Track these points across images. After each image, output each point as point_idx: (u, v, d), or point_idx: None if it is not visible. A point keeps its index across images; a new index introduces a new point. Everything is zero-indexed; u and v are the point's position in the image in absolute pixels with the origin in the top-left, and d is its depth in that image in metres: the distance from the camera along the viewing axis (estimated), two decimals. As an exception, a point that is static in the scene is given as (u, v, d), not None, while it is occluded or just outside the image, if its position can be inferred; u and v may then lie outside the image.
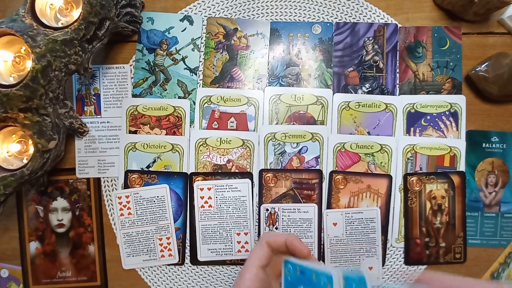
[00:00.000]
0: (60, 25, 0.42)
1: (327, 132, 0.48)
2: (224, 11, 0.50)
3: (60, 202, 0.49)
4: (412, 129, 0.48)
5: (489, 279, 0.47)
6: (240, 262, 0.48)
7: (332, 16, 0.50)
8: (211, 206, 0.48)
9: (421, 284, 0.33)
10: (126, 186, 0.48)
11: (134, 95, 0.50)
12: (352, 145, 0.48)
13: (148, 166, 0.49)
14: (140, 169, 0.49)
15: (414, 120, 0.48)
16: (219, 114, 0.49)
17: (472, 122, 0.48)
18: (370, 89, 0.49)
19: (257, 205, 0.48)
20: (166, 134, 0.49)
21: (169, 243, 0.48)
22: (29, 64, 0.39)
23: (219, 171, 0.48)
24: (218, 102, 0.49)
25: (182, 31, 0.50)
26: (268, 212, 0.48)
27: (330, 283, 0.31)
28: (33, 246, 0.49)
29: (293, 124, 0.49)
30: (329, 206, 0.47)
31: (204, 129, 0.49)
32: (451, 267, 0.47)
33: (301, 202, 0.48)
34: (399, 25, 0.49)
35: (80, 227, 0.49)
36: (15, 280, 0.49)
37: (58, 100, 0.43)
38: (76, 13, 0.42)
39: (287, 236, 0.36)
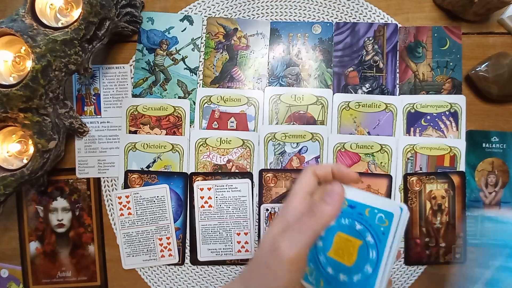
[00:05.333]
0: (60, 25, 0.42)
1: (327, 132, 0.48)
2: (224, 11, 0.50)
3: (60, 202, 0.49)
4: (412, 129, 0.48)
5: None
6: (240, 262, 0.48)
7: (332, 16, 0.50)
8: (211, 206, 0.48)
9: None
10: (126, 186, 0.48)
11: (134, 95, 0.50)
12: (352, 145, 0.48)
13: (148, 166, 0.49)
14: (140, 169, 0.49)
15: (414, 120, 0.48)
16: (219, 114, 0.49)
17: (472, 122, 0.48)
18: (370, 89, 0.49)
19: (257, 205, 0.48)
20: (166, 134, 0.49)
21: (169, 243, 0.48)
22: (29, 64, 0.39)
23: (219, 171, 0.48)
24: (218, 102, 0.49)
25: (182, 31, 0.50)
26: (268, 212, 0.48)
27: (388, 220, 0.30)
28: (33, 246, 0.49)
29: (293, 124, 0.49)
30: (329, 206, 0.47)
31: (204, 129, 0.49)
32: (451, 267, 0.47)
33: (301, 202, 0.48)
34: (399, 25, 0.49)
35: (80, 227, 0.49)
36: (15, 280, 0.49)
37: (58, 100, 0.43)
38: (76, 13, 0.42)
39: (333, 164, 0.35)
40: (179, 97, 0.49)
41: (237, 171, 0.48)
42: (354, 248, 0.32)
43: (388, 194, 0.47)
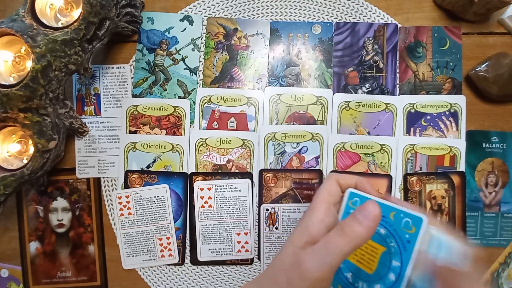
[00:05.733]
0: (60, 25, 0.42)
1: (327, 132, 0.48)
2: (224, 11, 0.50)
3: (60, 202, 0.49)
4: (412, 129, 0.48)
5: (489, 280, 0.47)
6: (240, 262, 0.48)
7: (332, 16, 0.50)
8: (211, 206, 0.48)
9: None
10: (126, 186, 0.48)
11: (134, 95, 0.50)
12: (352, 145, 0.48)
13: (148, 166, 0.49)
14: (140, 169, 0.49)
15: (414, 120, 0.48)
16: (219, 114, 0.49)
17: (472, 122, 0.48)
18: (370, 89, 0.49)
19: (257, 205, 0.48)
20: (166, 134, 0.49)
21: (169, 243, 0.48)
22: (29, 64, 0.39)
23: (219, 171, 0.48)
24: (218, 102, 0.49)
25: (182, 31, 0.50)
26: (268, 212, 0.48)
27: (416, 226, 0.27)
28: (33, 246, 0.49)
29: (293, 124, 0.49)
30: (329, 206, 0.47)
31: (204, 129, 0.49)
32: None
33: (301, 202, 0.48)
34: (399, 25, 0.49)
35: (80, 227, 0.49)
36: (15, 280, 0.49)
37: (58, 100, 0.43)
38: (76, 13, 0.42)
39: (358, 178, 0.33)
40: (179, 97, 0.49)
41: (237, 171, 0.48)
42: (376, 254, 0.29)
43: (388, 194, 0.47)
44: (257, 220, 0.48)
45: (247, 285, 0.31)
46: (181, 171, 0.48)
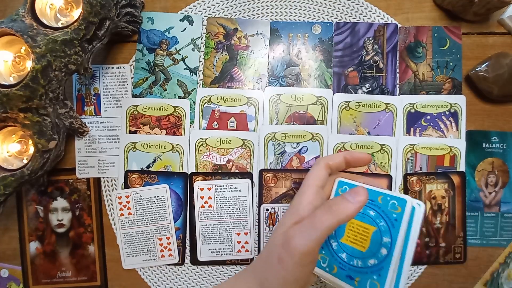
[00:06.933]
0: (60, 25, 0.42)
1: (327, 132, 0.48)
2: (224, 11, 0.50)
3: (60, 202, 0.49)
4: (412, 129, 0.48)
5: (489, 279, 0.47)
6: (240, 262, 0.48)
7: (332, 16, 0.50)
8: (211, 206, 0.48)
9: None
10: (126, 186, 0.48)
11: (134, 95, 0.50)
12: (352, 145, 0.48)
13: (148, 166, 0.49)
14: (140, 169, 0.49)
15: (414, 120, 0.48)
16: (219, 114, 0.49)
17: (472, 122, 0.48)
18: (370, 89, 0.49)
19: (257, 205, 0.48)
20: (166, 134, 0.49)
21: (169, 243, 0.48)
22: (29, 64, 0.39)
23: (219, 171, 0.48)
24: (218, 102, 0.49)
25: (182, 31, 0.50)
26: (268, 212, 0.48)
27: (401, 206, 0.31)
28: (33, 246, 0.49)
29: (293, 124, 0.49)
30: (329, 206, 0.47)
31: (204, 129, 0.49)
32: (451, 267, 0.47)
33: (301, 202, 0.48)
34: (399, 25, 0.49)
35: (80, 227, 0.49)
36: (15, 280, 0.49)
37: (58, 100, 0.43)
38: (76, 13, 0.42)
39: (344, 153, 0.37)
40: (179, 97, 0.49)
41: (237, 171, 0.48)
42: (368, 234, 0.32)
43: (388, 194, 0.47)
44: (257, 220, 0.48)
45: (243, 271, 0.34)
46: (181, 171, 0.48)
